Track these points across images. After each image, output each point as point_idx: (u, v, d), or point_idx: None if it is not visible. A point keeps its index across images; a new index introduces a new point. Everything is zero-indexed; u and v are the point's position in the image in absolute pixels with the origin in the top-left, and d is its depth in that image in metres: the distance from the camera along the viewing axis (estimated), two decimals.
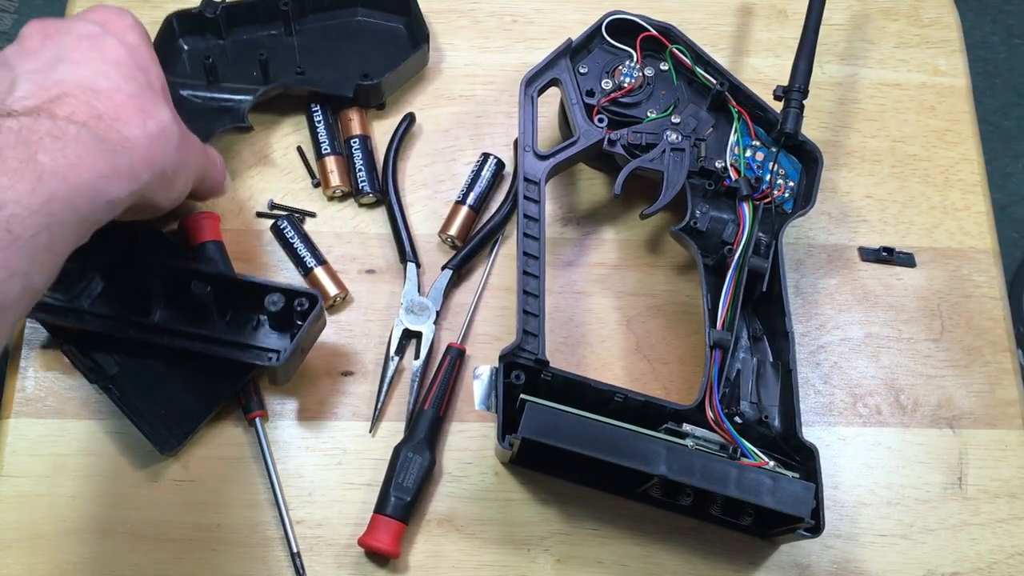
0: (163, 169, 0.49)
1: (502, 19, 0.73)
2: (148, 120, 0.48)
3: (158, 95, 0.51)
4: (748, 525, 0.56)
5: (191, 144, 0.53)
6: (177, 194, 0.53)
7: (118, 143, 0.46)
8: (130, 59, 0.50)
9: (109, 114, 0.46)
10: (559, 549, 0.59)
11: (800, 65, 0.62)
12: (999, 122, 1.63)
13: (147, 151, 0.47)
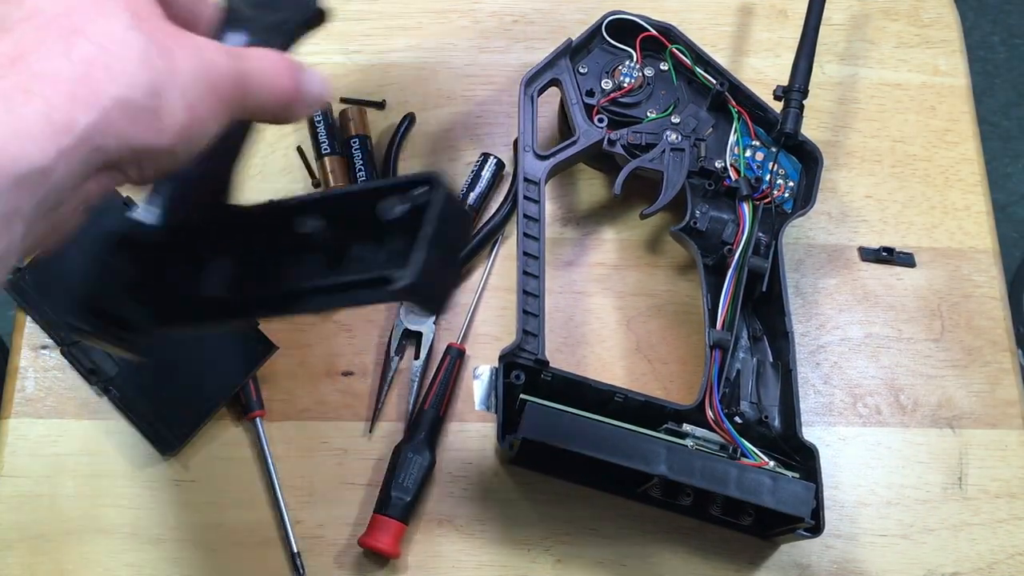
0: (121, 97, 0.33)
1: (502, 19, 0.73)
2: (75, 39, 0.34)
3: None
4: (748, 525, 0.56)
5: (180, 47, 0.36)
6: (178, 124, 0.35)
7: (20, 88, 0.32)
8: None
9: (7, 52, 0.33)
10: (559, 549, 0.59)
11: (800, 65, 0.62)
12: (999, 122, 1.63)
13: (78, 84, 0.33)
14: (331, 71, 0.70)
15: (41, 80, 0.32)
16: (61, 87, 0.32)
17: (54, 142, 0.32)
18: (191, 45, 0.36)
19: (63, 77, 0.32)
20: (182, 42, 0.36)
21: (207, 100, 0.36)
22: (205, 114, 0.36)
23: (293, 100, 0.40)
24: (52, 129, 0.32)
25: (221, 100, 0.37)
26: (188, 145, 0.36)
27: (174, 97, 0.35)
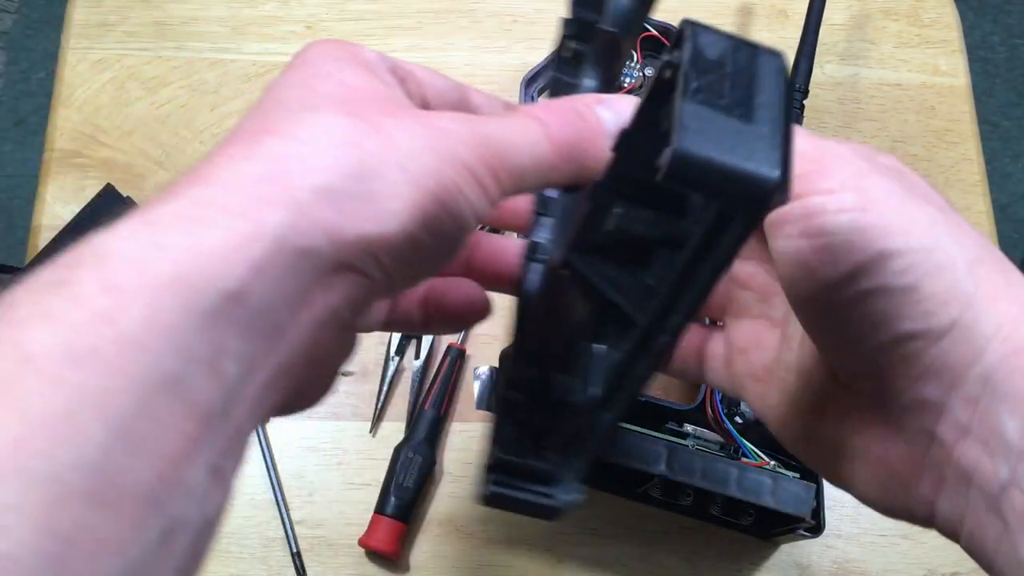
0: (320, 185, 0.26)
1: (502, 19, 0.73)
2: (263, 138, 0.28)
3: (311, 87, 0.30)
4: (748, 525, 0.56)
5: (397, 121, 0.28)
6: (405, 205, 0.27)
7: (196, 202, 0.26)
8: None
9: (188, 176, 0.27)
10: (559, 549, 0.59)
11: (800, 65, 0.62)
12: (999, 122, 1.63)
13: (263, 183, 0.26)
14: None
15: (221, 187, 0.26)
16: (243, 190, 0.26)
17: (242, 255, 0.25)
18: (412, 116, 0.29)
19: (245, 180, 0.26)
20: (401, 116, 0.29)
21: (444, 172, 0.28)
22: (444, 189, 0.28)
23: (571, 157, 0.30)
24: (236, 238, 0.25)
25: (465, 168, 0.29)
26: (434, 228, 0.28)
27: (392, 174, 0.28)
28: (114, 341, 0.22)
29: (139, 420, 0.22)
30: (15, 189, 1.54)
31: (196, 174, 0.26)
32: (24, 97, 1.60)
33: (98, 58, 0.70)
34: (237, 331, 0.24)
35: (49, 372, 0.21)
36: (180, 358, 0.23)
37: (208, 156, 0.27)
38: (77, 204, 0.64)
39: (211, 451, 0.24)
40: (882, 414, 0.30)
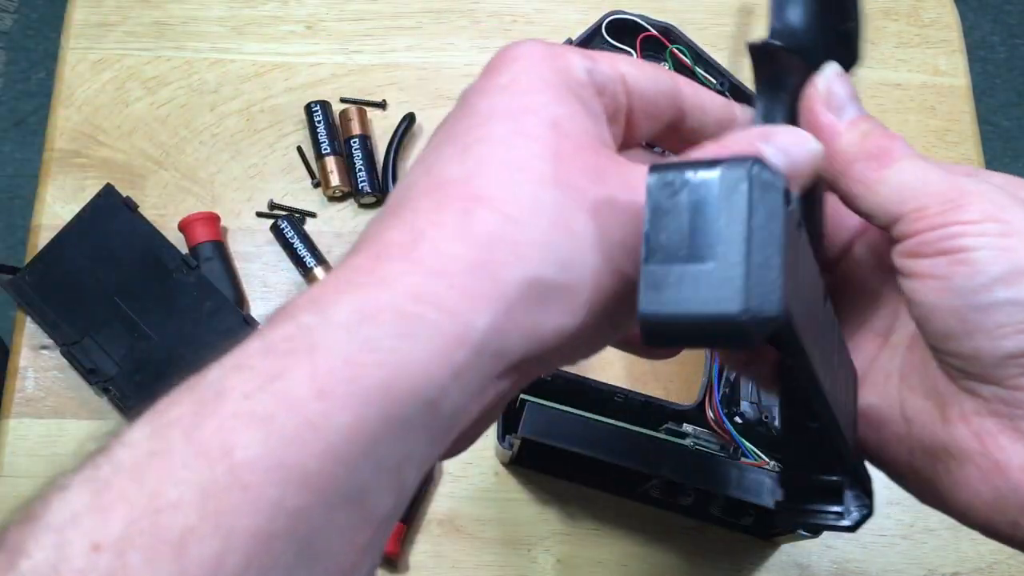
0: (527, 278, 0.25)
1: (502, 19, 0.73)
2: (476, 209, 0.26)
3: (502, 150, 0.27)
4: (748, 525, 0.56)
5: (599, 185, 0.27)
6: (595, 295, 0.27)
7: (409, 295, 0.25)
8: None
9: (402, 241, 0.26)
10: (559, 549, 0.59)
11: None
12: (999, 122, 1.63)
13: (475, 274, 0.25)
14: (331, 71, 0.70)
15: (434, 276, 0.25)
16: (456, 281, 0.25)
17: (446, 361, 0.24)
18: (621, 183, 0.28)
19: (458, 267, 0.25)
20: (610, 180, 0.28)
21: (629, 251, 0.27)
22: (632, 268, 0.27)
23: None
24: (444, 345, 0.24)
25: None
26: (621, 316, 0.28)
27: (596, 262, 0.27)
28: (318, 456, 0.22)
29: (324, 536, 0.23)
30: (15, 189, 1.54)
31: (413, 241, 0.25)
32: (24, 97, 1.60)
33: (98, 58, 0.70)
34: (427, 436, 0.24)
35: (253, 490, 0.22)
36: (371, 469, 0.23)
37: (414, 208, 0.26)
38: (77, 204, 0.64)
39: (376, 553, 0.24)
40: (1007, 420, 0.30)
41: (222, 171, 0.67)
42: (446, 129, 0.29)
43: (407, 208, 0.27)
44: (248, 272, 0.64)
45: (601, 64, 0.30)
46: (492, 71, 0.30)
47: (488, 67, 0.30)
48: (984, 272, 0.30)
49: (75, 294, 0.61)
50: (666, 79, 0.32)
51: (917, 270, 0.30)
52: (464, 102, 0.29)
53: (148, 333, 0.60)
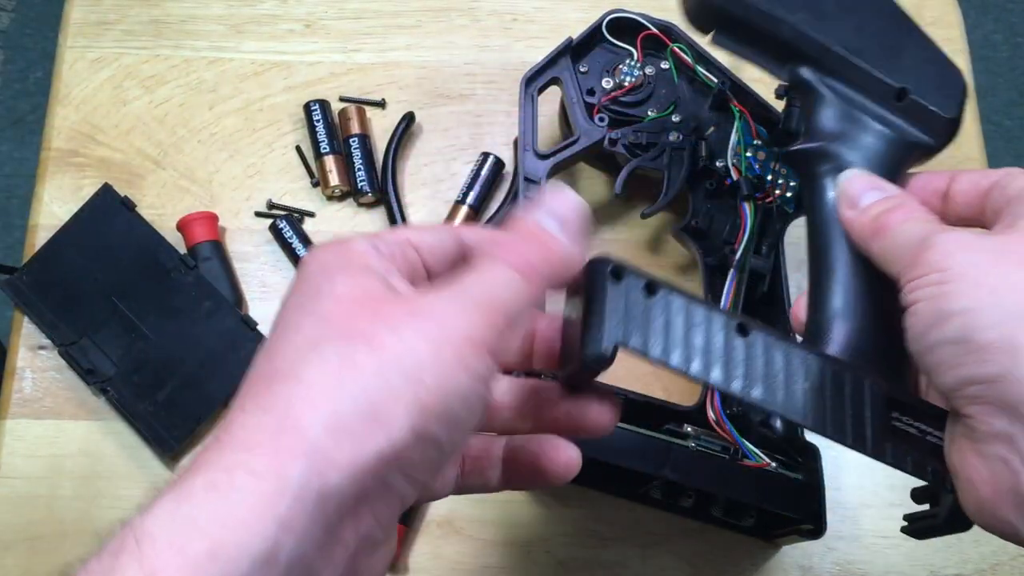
0: (333, 421, 0.28)
1: (502, 18, 0.73)
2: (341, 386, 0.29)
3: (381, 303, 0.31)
4: (750, 526, 0.55)
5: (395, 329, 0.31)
6: (401, 413, 0.29)
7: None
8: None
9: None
10: (560, 551, 0.58)
11: None
12: (1001, 121, 1.63)
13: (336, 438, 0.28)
14: (330, 70, 0.70)
15: (243, 449, 0.28)
16: (263, 445, 0.28)
17: (269, 515, 0.27)
18: (404, 312, 0.31)
19: (264, 434, 0.28)
20: (393, 315, 0.31)
21: (441, 358, 0.30)
22: (443, 375, 0.30)
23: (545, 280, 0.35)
24: (262, 501, 0.27)
25: (464, 343, 0.31)
26: (444, 416, 0.30)
27: (392, 382, 0.30)
28: None
29: None
30: (12, 188, 1.54)
31: (222, 435, 0.29)
32: (21, 96, 1.60)
33: (96, 57, 0.69)
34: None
35: None
36: None
37: (231, 410, 0.30)
38: (75, 203, 0.64)
39: None
40: (972, 443, 0.36)
41: (220, 170, 0.67)
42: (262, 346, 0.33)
43: (231, 408, 0.30)
44: (246, 272, 0.64)
45: (384, 238, 0.35)
46: (293, 282, 0.34)
47: (292, 283, 0.34)
48: (922, 320, 0.37)
49: (73, 294, 0.61)
50: (444, 232, 0.37)
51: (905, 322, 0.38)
52: (278, 311, 0.33)
53: (146, 333, 0.60)
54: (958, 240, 0.38)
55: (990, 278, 0.37)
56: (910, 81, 0.48)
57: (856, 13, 0.49)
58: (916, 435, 0.41)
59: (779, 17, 0.48)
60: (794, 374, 0.41)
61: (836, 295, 0.46)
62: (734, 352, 0.40)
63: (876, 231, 0.43)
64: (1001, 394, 0.35)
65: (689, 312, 0.39)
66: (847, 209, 0.45)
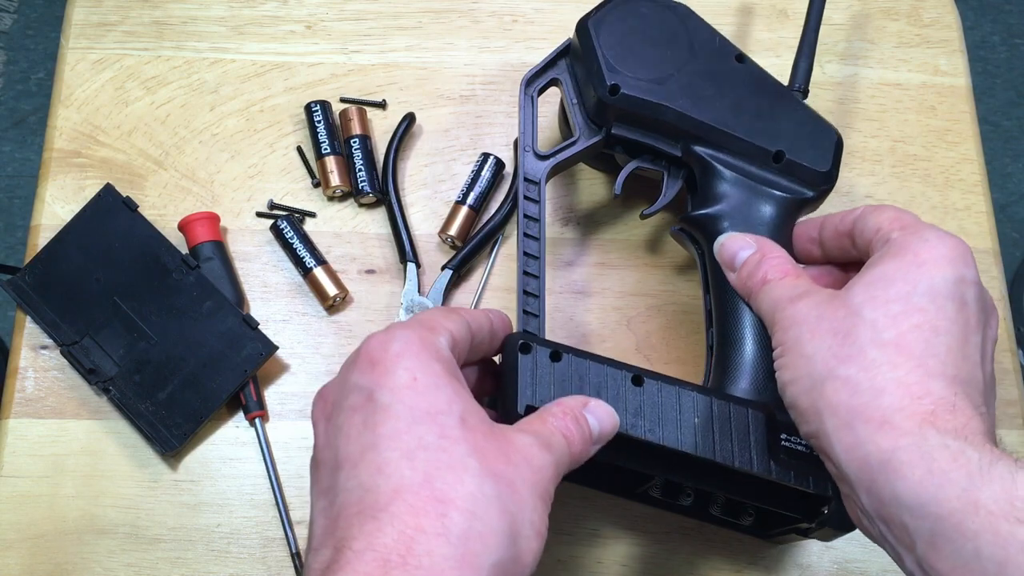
0: (495, 562, 0.36)
1: (502, 19, 0.73)
2: (447, 512, 0.36)
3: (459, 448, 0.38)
4: (748, 525, 0.56)
5: (515, 468, 0.39)
6: (533, 553, 0.39)
7: None
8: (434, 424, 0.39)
9: (396, 547, 0.35)
10: (559, 550, 0.59)
11: (800, 65, 0.62)
12: (999, 122, 1.63)
13: (462, 567, 0.35)
14: (331, 71, 0.70)
15: (428, 573, 0.34)
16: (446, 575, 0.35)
17: None
18: (521, 460, 0.40)
19: (450, 565, 0.35)
20: (515, 461, 0.39)
21: (543, 511, 0.40)
22: (544, 526, 0.40)
23: (583, 456, 0.44)
24: None
25: (549, 499, 0.41)
26: (538, 559, 0.39)
27: (527, 532, 0.38)
28: None
29: None
30: (15, 189, 1.54)
31: (408, 549, 0.35)
32: (23, 97, 1.60)
33: (97, 58, 0.70)
34: None
35: None
36: None
37: (391, 513, 0.36)
38: (77, 204, 0.64)
39: None
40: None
41: (222, 171, 0.67)
42: (369, 425, 0.38)
43: (384, 511, 0.36)
44: (248, 272, 0.64)
45: (451, 337, 0.43)
46: (381, 366, 0.40)
47: (372, 360, 0.40)
48: (778, 387, 0.46)
49: (75, 294, 0.61)
50: (472, 323, 0.46)
51: None
52: (370, 398, 0.39)
53: (148, 333, 0.60)
54: (793, 315, 0.45)
55: (807, 348, 0.44)
56: (784, 144, 0.56)
57: (731, 92, 0.57)
58: (803, 451, 0.49)
59: (664, 106, 0.56)
60: (685, 412, 0.49)
61: (740, 343, 0.53)
62: (630, 400, 0.48)
63: (748, 294, 0.51)
64: (819, 446, 0.43)
65: (589, 371, 0.48)
66: (728, 273, 0.53)
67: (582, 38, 0.58)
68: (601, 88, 0.56)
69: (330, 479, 0.39)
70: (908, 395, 0.40)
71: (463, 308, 0.52)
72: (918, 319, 0.42)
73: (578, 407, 0.44)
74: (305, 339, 0.63)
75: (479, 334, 0.46)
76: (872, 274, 0.44)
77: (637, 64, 0.57)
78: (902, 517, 0.38)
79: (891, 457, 0.39)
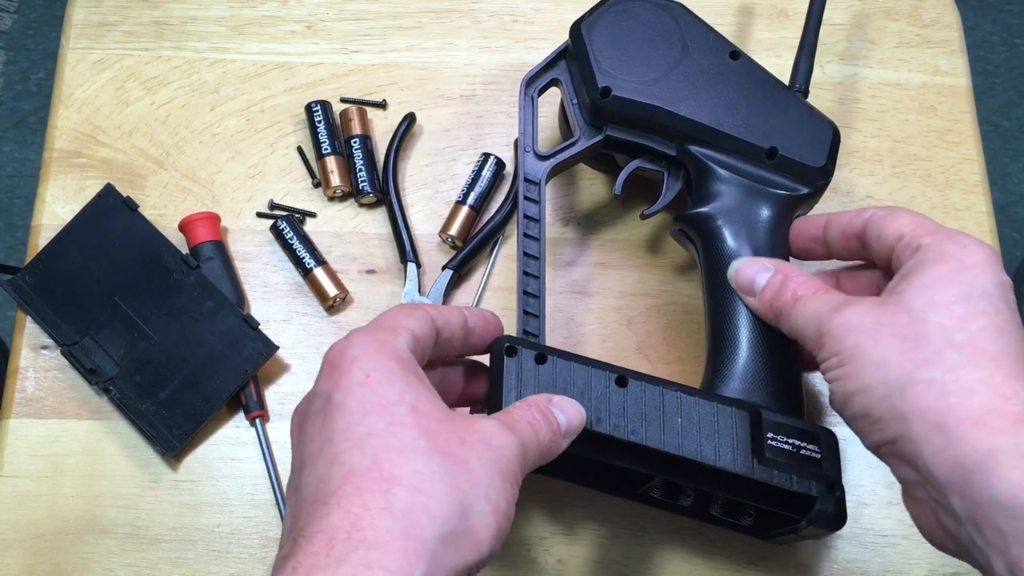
0: (442, 533, 0.37)
1: (502, 19, 0.73)
2: (392, 489, 0.37)
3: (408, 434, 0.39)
4: (749, 526, 0.56)
5: (469, 448, 0.40)
6: (491, 529, 0.39)
7: (362, 564, 0.36)
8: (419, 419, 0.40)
9: (342, 525, 0.37)
10: (559, 550, 0.59)
11: (800, 65, 0.62)
12: (999, 122, 1.63)
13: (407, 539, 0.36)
14: (331, 71, 0.70)
15: (375, 548, 0.36)
16: (394, 550, 0.36)
17: None
18: (478, 440, 0.41)
19: (393, 536, 0.36)
20: (470, 441, 0.40)
21: (505, 490, 0.40)
22: (506, 503, 0.40)
23: (553, 447, 0.45)
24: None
25: (514, 480, 0.41)
26: (502, 539, 0.40)
27: (480, 506, 0.39)
28: None
29: None
30: (15, 189, 1.54)
31: (353, 525, 0.36)
32: (24, 97, 1.60)
33: (98, 58, 0.70)
34: None
35: None
36: None
37: (339, 495, 0.37)
38: (77, 204, 0.64)
39: None
40: (904, 489, 0.46)
41: (222, 171, 0.67)
42: (326, 424, 0.40)
43: (334, 495, 0.37)
44: (248, 272, 0.64)
45: (412, 336, 0.44)
46: (338, 370, 0.42)
47: (331, 365, 0.43)
48: (836, 399, 0.46)
49: (75, 294, 0.61)
50: (440, 318, 0.47)
51: None
52: (328, 400, 0.41)
53: (148, 333, 0.60)
54: (845, 324, 0.45)
55: (874, 355, 0.43)
56: (778, 140, 0.56)
57: (724, 90, 0.57)
58: (790, 450, 0.49)
59: (657, 106, 0.56)
60: (668, 412, 0.49)
61: (733, 344, 0.53)
62: (614, 401, 0.49)
63: (777, 315, 0.50)
64: (900, 451, 0.43)
65: (574, 373, 0.49)
66: (747, 298, 0.52)
67: (575, 41, 0.58)
68: (593, 91, 0.57)
69: (296, 480, 0.41)
70: (998, 395, 0.40)
71: (429, 304, 0.52)
72: (983, 321, 0.42)
73: (543, 401, 0.46)
74: (305, 339, 0.63)
75: (446, 329, 0.47)
76: (921, 279, 0.44)
77: (629, 66, 0.57)
78: (997, 518, 0.38)
79: (988, 457, 0.39)
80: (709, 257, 0.56)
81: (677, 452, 0.49)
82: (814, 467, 0.50)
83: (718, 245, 0.55)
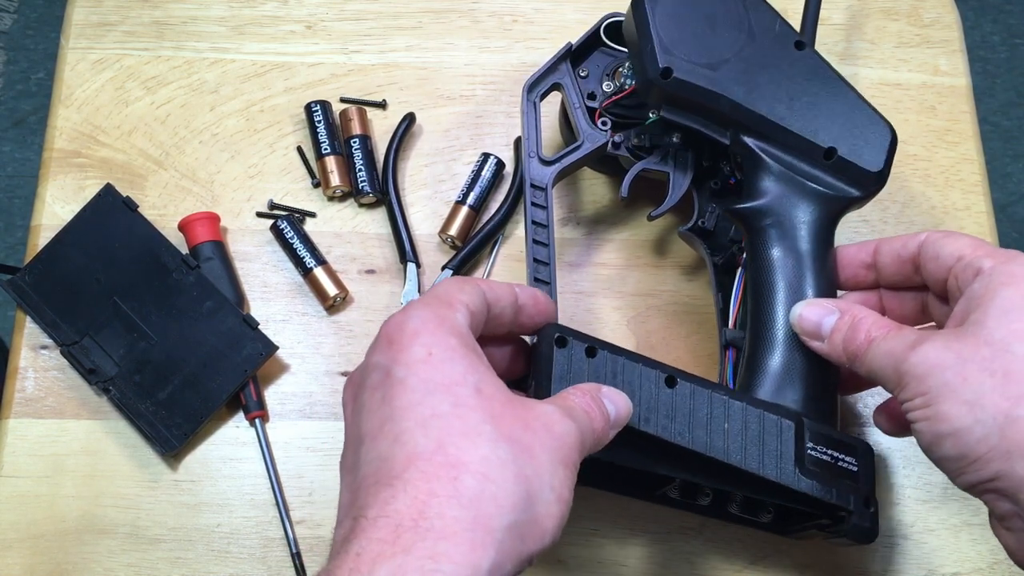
0: (510, 523, 0.36)
1: (502, 19, 0.73)
2: (460, 476, 0.36)
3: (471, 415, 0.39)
4: (768, 523, 0.55)
5: (533, 435, 0.39)
6: (555, 518, 0.39)
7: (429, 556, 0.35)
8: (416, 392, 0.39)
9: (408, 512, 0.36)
10: (559, 549, 0.59)
11: None
12: (999, 122, 1.63)
13: (475, 529, 0.36)
14: (331, 71, 0.70)
15: (444, 538, 0.35)
16: (462, 540, 0.35)
17: None
18: (540, 426, 0.40)
19: (462, 526, 0.35)
20: (533, 427, 0.39)
21: (567, 478, 0.40)
22: (568, 492, 0.39)
23: (603, 438, 0.44)
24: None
25: (574, 468, 0.40)
26: (562, 527, 0.39)
27: (545, 495, 0.38)
28: None
29: None
30: (15, 189, 1.54)
31: (420, 512, 0.35)
32: (23, 97, 1.60)
33: (97, 58, 0.70)
34: None
35: None
36: None
37: (405, 479, 0.36)
38: (77, 204, 0.64)
39: None
40: (997, 520, 0.45)
41: (222, 171, 0.67)
42: (387, 399, 0.39)
43: (398, 478, 0.36)
44: (248, 272, 0.64)
45: (468, 310, 0.43)
46: (398, 344, 0.40)
47: (390, 339, 0.41)
48: (924, 439, 0.44)
49: (75, 294, 0.61)
50: (492, 295, 0.45)
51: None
52: (388, 374, 0.40)
53: (148, 333, 0.60)
54: (926, 361, 0.44)
55: (965, 394, 0.42)
56: (838, 141, 0.54)
57: (788, 83, 0.55)
58: (829, 462, 0.49)
59: (717, 93, 0.54)
60: (717, 417, 0.48)
61: (773, 345, 0.52)
62: (663, 401, 0.48)
63: (852, 359, 0.49)
64: (1002, 487, 0.42)
65: (624, 369, 0.48)
66: (814, 342, 0.51)
67: (637, 14, 0.55)
68: (653, 70, 0.54)
69: (353, 455, 0.40)
70: None
71: (481, 279, 0.51)
72: None
73: (594, 390, 0.45)
74: (305, 339, 0.63)
75: (497, 305, 0.45)
76: (995, 306, 0.44)
77: (692, 46, 0.55)
78: None
79: None
80: (755, 257, 0.54)
81: (723, 458, 0.48)
82: (851, 480, 0.50)
83: (764, 250, 0.54)
